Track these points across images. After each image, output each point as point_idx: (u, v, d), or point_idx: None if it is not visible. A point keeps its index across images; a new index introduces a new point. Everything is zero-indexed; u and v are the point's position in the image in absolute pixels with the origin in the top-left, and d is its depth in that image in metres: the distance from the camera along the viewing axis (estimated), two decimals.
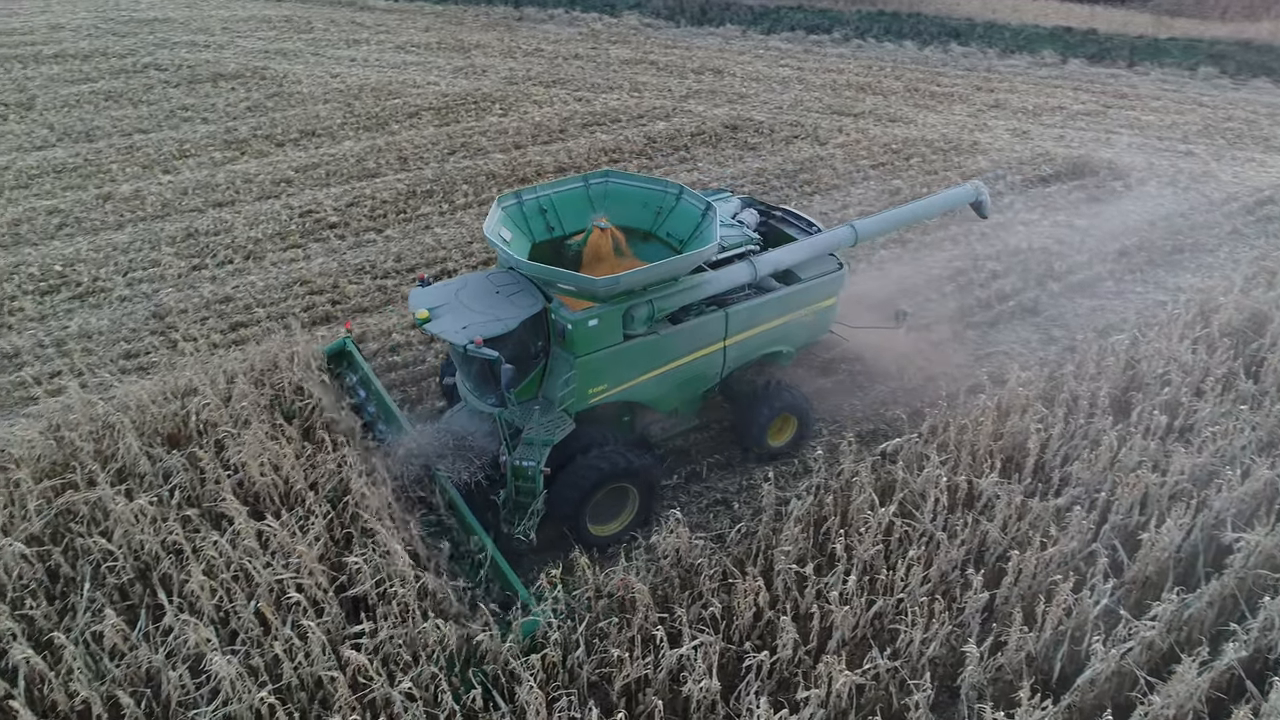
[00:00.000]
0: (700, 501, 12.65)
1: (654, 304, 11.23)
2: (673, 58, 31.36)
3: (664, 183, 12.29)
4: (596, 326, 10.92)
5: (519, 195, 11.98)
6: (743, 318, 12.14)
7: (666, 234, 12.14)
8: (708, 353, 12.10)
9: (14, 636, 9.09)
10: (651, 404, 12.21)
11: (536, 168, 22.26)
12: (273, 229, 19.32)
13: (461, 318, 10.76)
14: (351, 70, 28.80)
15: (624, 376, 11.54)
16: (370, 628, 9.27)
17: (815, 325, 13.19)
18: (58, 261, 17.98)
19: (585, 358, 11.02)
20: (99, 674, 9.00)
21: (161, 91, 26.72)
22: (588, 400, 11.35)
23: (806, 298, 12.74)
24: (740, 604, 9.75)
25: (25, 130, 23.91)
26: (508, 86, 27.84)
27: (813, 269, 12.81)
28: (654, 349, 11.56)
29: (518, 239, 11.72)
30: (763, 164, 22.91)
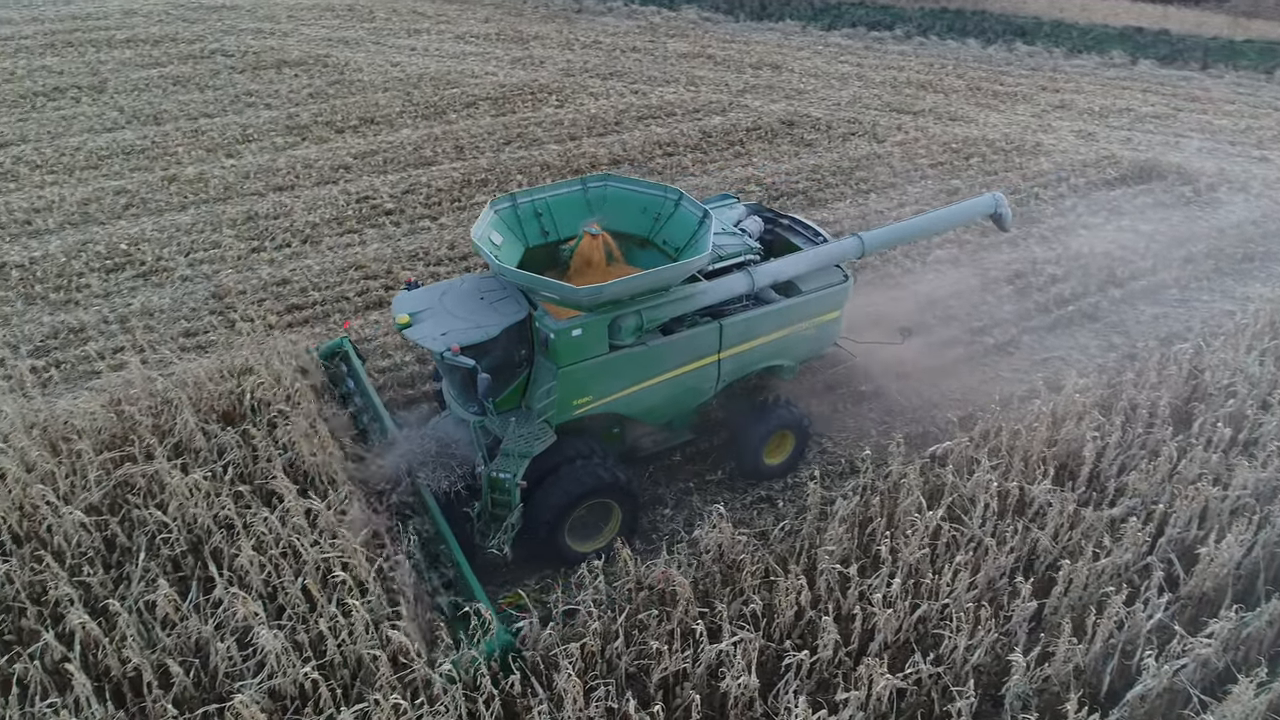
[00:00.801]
0: (744, 498, 12.57)
1: (643, 314, 10.76)
2: (731, 52, 31.18)
3: (663, 188, 11.83)
4: (580, 336, 10.50)
5: (513, 198, 11.58)
6: (738, 330, 11.60)
7: (663, 241, 11.65)
8: (701, 365, 11.58)
9: (71, 602, 9.35)
10: (641, 417, 11.77)
11: (591, 159, 22.30)
12: (330, 214, 19.62)
13: (442, 324, 10.44)
14: (411, 59, 29.11)
15: (610, 388, 11.08)
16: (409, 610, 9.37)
17: (818, 339, 12.57)
18: (123, 240, 18.46)
19: (568, 368, 10.60)
20: (150, 642, 9.23)
21: (227, 77, 27.28)
22: (571, 412, 10.94)
23: (808, 311, 12.14)
24: (781, 602, 9.67)
25: (97, 112, 24.58)
26: (564, 78, 27.92)
27: (815, 281, 12.20)
28: (642, 360, 11.08)
29: (510, 243, 11.33)
30: (818, 160, 22.68)
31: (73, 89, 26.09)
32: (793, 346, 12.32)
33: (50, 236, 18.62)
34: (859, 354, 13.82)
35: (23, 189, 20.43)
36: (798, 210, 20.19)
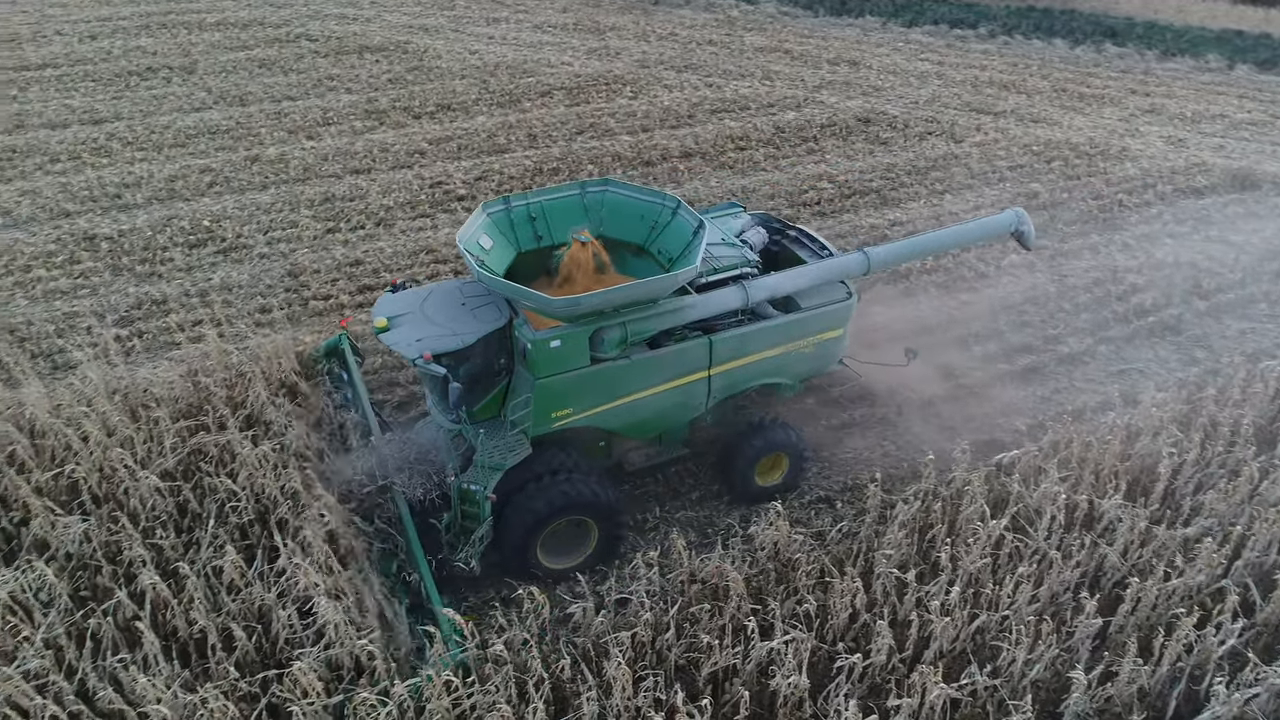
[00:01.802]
0: (803, 498, 12.45)
1: (627, 327, 10.40)
2: (808, 47, 30.82)
3: (661, 195, 11.38)
4: (560, 348, 10.16)
5: (507, 200, 11.20)
6: (730, 346, 11.14)
7: (658, 250, 11.23)
8: (689, 381, 11.15)
9: (144, 563, 9.70)
10: (627, 432, 11.41)
11: (662, 151, 22.27)
12: (404, 198, 19.95)
13: (420, 329, 10.25)
14: (489, 48, 29.41)
15: (592, 401, 10.71)
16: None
17: (818, 358, 12.01)
18: (206, 217, 19.03)
19: (546, 380, 10.28)
20: (216, 606, 9.53)
21: (311, 61, 27.91)
22: (550, 424, 10.60)
23: (807, 328, 11.61)
24: (836, 604, 9.56)
25: (186, 93, 25.36)
26: (639, 70, 27.92)
27: (816, 297, 11.67)
28: (626, 374, 10.69)
29: (501, 247, 10.99)
30: (893, 159, 22.29)
31: (164, 69, 26.96)
32: (791, 364, 11.80)
33: (138, 211, 19.29)
34: (862, 373, 13.16)
35: (115, 164, 21.21)
36: (870, 209, 19.92)
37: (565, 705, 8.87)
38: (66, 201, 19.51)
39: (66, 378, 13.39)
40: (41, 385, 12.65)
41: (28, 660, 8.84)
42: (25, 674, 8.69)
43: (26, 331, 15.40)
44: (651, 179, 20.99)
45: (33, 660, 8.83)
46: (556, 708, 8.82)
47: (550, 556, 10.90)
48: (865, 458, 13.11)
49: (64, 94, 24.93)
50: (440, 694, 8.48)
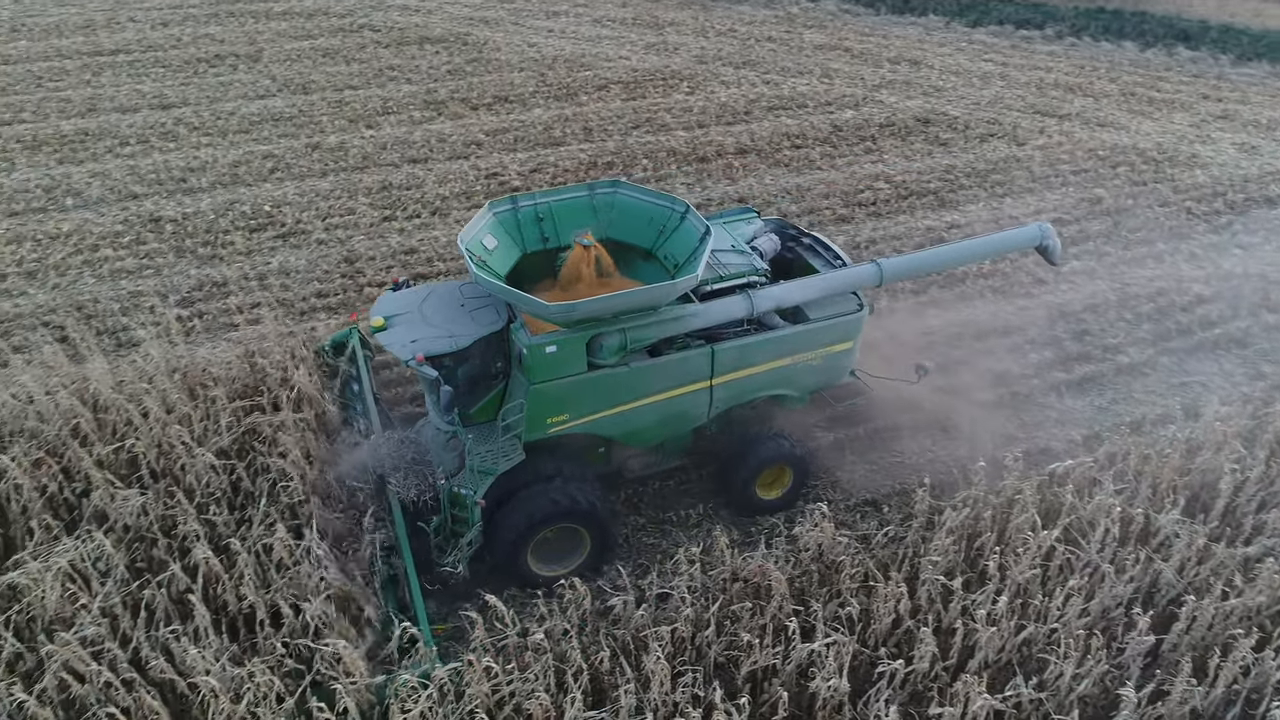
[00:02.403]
0: (849, 500, 12.33)
1: (627, 334, 10.16)
2: (868, 45, 30.44)
3: (671, 199, 11.12)
4: (555, 353, 9.99)
5: (514, 200, 11.03)
6: (732, 356, 10.88)
7: (665, 255, 10.96)
8: (690, 391, 10.90)
9: (197, 538, 9.94)
10: (626, 440, 11.18)
11: (717, 148, 22.18)
12: (460, 188, 20.13)
13: (416, 330, 10.15)
14: (548, 41, 29.54)
15: (589, 408, 10.52)
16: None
17: (826, 370, 11.69)
18: (267, 202, 19.41)
19: (541, 385, 10.10)
20: (265, 583, 9.72)
21: (373, 51, 28.29)
22: (545, 430, 10.43)
23: (814, 340, 11.29)
24: (879, 608, 9.45)
25: (251, 80, 25.88)
26: (697, 65, 27.83)
27: (825, 308, 11.35)
28: (625, 382, 10.48)
29: (506, 248, 10.82)
30: (952, 161, 21.94)
31: (231, 57, 27.53)
32: (797, 377, 11.49)
33: (202, 195, 19.74)
34: (874, 388, 12.73)
35: (181, 149, 21.72)
36: (927, 211, 19.63)
37: (603, 697, 8.90)
38: (134, 184, 20.03)
39: (129, 355, 13.76)
40: (105, 361, 13.01)
41: (85, 627, 9.10)
42: (82, 640, 8.96)
43: (93, 309, 15.86)
44: (706, 175, 20.93)
45: (89, 627, 9.10)
46: (594, 699, 8.85)
47: (542, 563, 10.72)
48: (914, 462, 12.92)
49: (135, 79, 25.60)
50: (480, 679, 8.56)
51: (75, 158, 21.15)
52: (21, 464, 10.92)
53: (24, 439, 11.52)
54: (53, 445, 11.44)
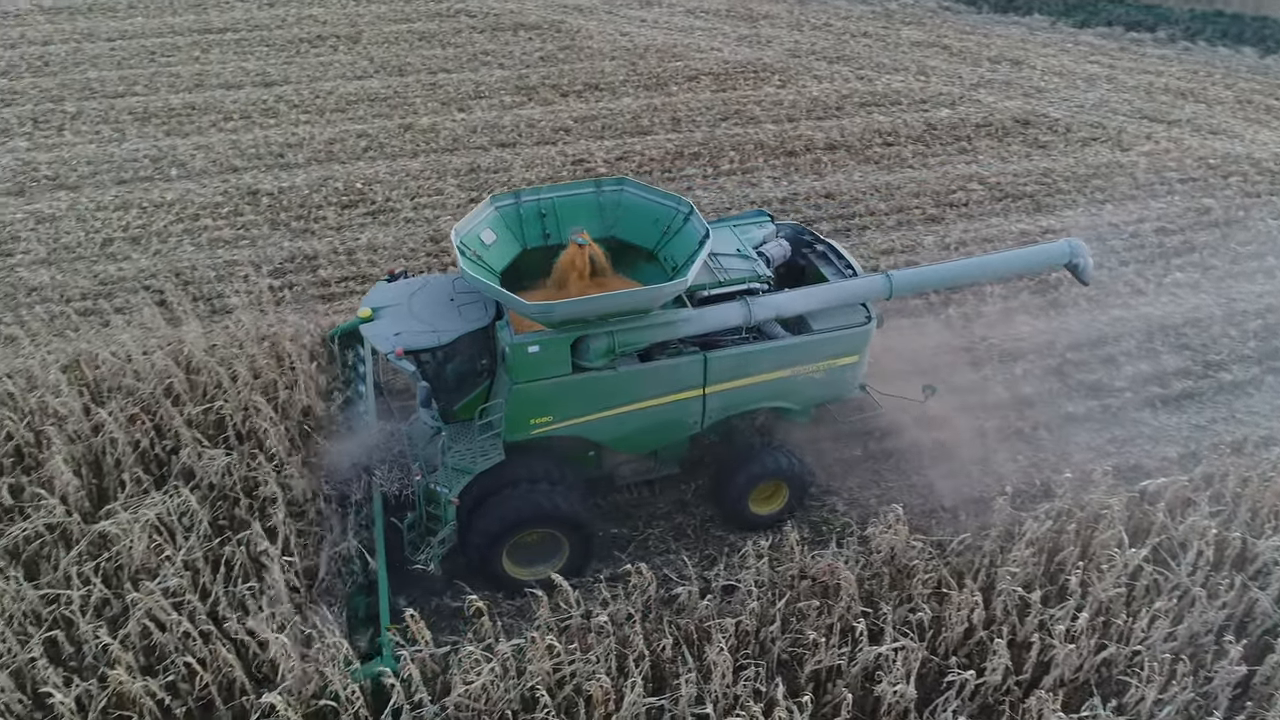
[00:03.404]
0: (925, 504, 12.00)
1: (615, 337, 9.81)
2: (968, 43, 29.60)
3: (676, 199, 10.67)
4: (538, 354, 9.68)
5: (517, 195, 10.75)
6: (727, 365, 10.40)
7: (665, 257, 10.52)
8: (681, 398, 10.45)
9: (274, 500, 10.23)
10: (614, 445, 10.82)
11: (806, 142, 21.85)
12: (546, 173, 20.26)
13: (401, 323, 9.97)
14: (640, 30, 29.51)
15: (574, 411, 10.16)
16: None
17: (830, 384, 11.07)
18: (359, 180, 19.84)
19: (523, 385, 9.79)
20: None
21: (468, 36, 28.67)
22: (528, 431, 10.12)
23: (816, 352, 10.73)
24: (952, 616, 9.19)
25: (350, 61, 26.48)
26: (789, 59, 27.46)
27: (829, 320, 10.80)
28: (612, 386, 10.11)
29: (505, 243, 10.51)
30: (1051, 164, 21.18)
31: (332, 38, 28.22)
32: (797, 389, 10.94)
33: (298, 170, 20.28)
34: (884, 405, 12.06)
35: (280, 125, 22.36)
36: (1021, 215, 19.01)
37: (663, 684, 8.85)
38: (235, 157, 20.70)
39: (223, 321, 14.23)
40: (200, 326, 13.51)
41: (168, 578, 9.44)
42: (165, 591, 9.29)
43: (190, 275, 16.44)
44: (793, 169, 20.65)
45: (172, 579, 9.43)
46: (654, 685, 8.81)
47: (518, 565, 10.49)
48: (995, 470, 12.50)
49: (240, 57, 26.44)
50: (542, 657, 8.59)
51: (181, 130, 21.96)
52: (118, 419, 11.39)
53: (121, 395, 12.03)
54: (147, 403, 11.90)
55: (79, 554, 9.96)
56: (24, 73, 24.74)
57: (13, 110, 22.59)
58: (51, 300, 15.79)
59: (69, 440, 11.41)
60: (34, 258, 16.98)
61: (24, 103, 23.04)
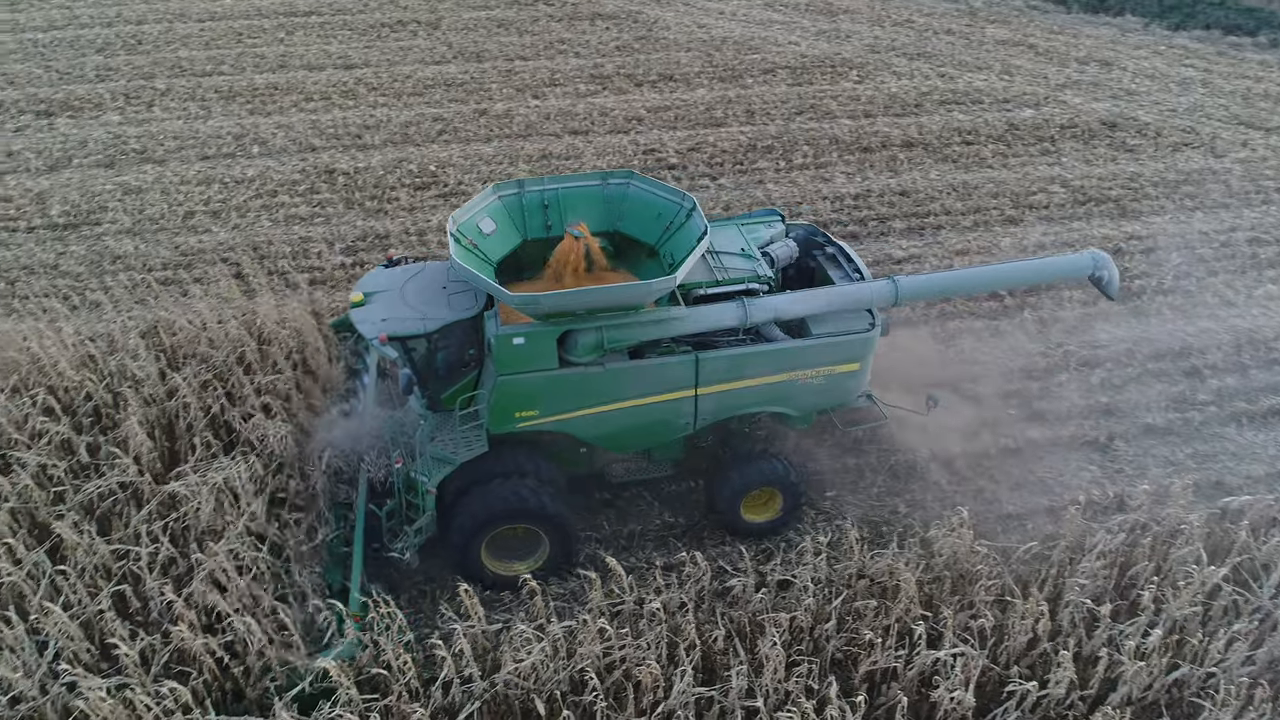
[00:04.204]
0: (994, 511, 11.63)
1: (604, 333, 9.62)
2: (1055, 43, 28.72)
3: (680, 195, 10.44)
4: (523, 346, 9.53)
5: (521, 185, 10.61)
6: (719, 366, 10.12)
7: (666, 254, 10.26)
8: (672, 399, 10.18)
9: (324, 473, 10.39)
10: (604, 443, 10.60)
11: (882, 139, 21.43)
12: (617, 161, 20.23)
13: (391, 309, 9.85)
14: (718, 23, 29.28)
15: (561, 406, 9.97)
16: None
17: (829, 391, 10.70)
18: (433, 163, 20.06)
19: (508, 378, 9.63)
20: None
21: (545, 24, 28.78)
22: (513, 424, 9.95)
23: (814, 357, 10.37)
24: (1015, 625, 8.90)
25: (429, 46, 26.80)
26: (869, 54, 26.98)
27: (831, 325, 10.44)
28: (600, 383, 9.90)
29: (506, 232, 10.37)
30: (1139, 168, 20.43)
31: (412, 23, 28.58)
32: (796, 395, 10.60)
33: (374, 151, 20.59)
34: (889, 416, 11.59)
35: (359, 107, 22.72)
36: (1104, 219, 18.38)
37: (714, 675, 8.75)
38: (314, 137, 21.10)
39: (296, 294, 14.49)
40: (273, 298, 13.77)
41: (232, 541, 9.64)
42: (229, 553, 9.48)
43: (266, 250, 16.80)
44: (868, 165, 20.28)
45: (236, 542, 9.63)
46: (705, 676, 8.71)
47: (497, 560, 10.32)
48: (1067, 480, 12.11)
49: (324, 40, 26.94)
50: (593, 640, 8.55)
51: (264, 109, 22.46)
52: (191, 385, 11.67)
53: (195, 362, 12.32)
54: (220, 370, 12.18)
55: (149, 513, 10.24)
56: (119, 50, 25.56)
57: (107, 86, 23.36)
58: (134, 268, 16.29)
59: (144, 403, 11.75)
60: (120, 227, 17.54)
61: (118, 79, 23.81)
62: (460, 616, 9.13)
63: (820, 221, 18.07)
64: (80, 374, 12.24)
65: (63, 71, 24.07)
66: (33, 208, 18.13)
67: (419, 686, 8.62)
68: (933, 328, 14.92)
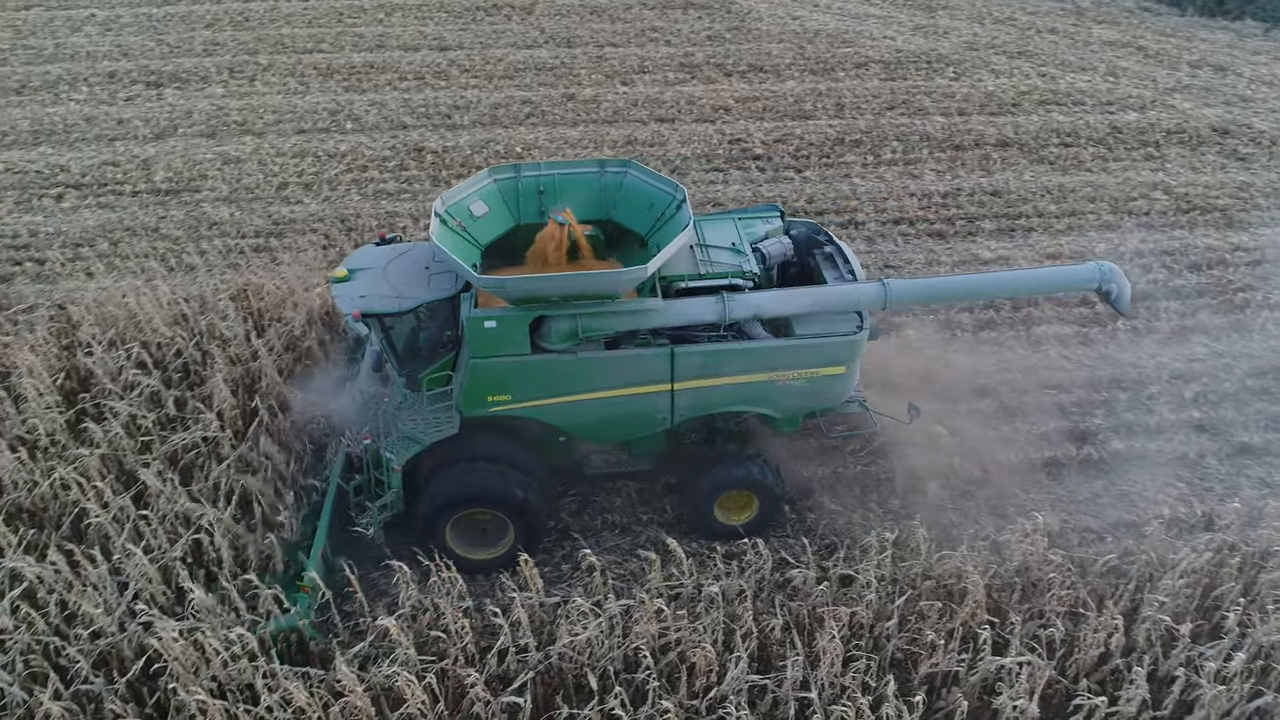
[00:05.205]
0: (1068, 520, 11.20)
1: (578, 321, 9.49)
2: (1166, 46, 27.53)
3: (673, 185, 10.26)
4: (495, 329, 9.43)
5: (517, 169, 10.51)
6: (695, 362, 9.87)
7: (654, 244, 9.99)
8: (647, 392, 9.96)
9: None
10: (579, 433, 10.46)
11: (976, 137, 20.84)
12: (701, 150, 20.14)
13: (369, 287, 9.74)
14: (812, 15, 28.89)
15: (533, 393, 9.86)
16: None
17: (815, 394, 10.34)
18: (519, 144, 20.27)
19: (480, 361, 9.56)
20: None
21: (637, 12, 28.79)
22: (486, 408, 9.85)
23: (797, 358, 10.02)
24: (1087, 638, 8.58)
25: (522, 31, 27.08)
26: (966, 51, 26.27)
27: (815, 326, 10.08)
28: (572, 371, 9.76)
29: (498, 216, 10.30)
30: (1250, 178, 19.45)
31: (506, 7, 28.89)
32: (777, 396, 10.26)
33: (462, 131, 20.90)
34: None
35: (450, 88, 23.10)
36: (1209, 229, 17.57)
37: (769, 665, 8.65)
38: (406, 115, 21.52)
39: None
40: None
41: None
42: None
43: (354, 222, 17.21)
44: (959, 164, 19.76)
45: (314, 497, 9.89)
46: (760, 665, 8.61)
47: (464, 544, 10.22)
48: (1152, 495, 11.59)
49: (420, 21, 27.46)
50: (649, 620, 8.53)
51: (359, 87, 22.99)
52: (274, 347, 12.03)
53: (279, 325, 12.69)
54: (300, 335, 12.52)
55: (228, 467, 10.60)
56: (225, 26, 26.48)
57: (213, 60, 24.23)
58: (229, 234, 16.87)
59: (230, 362, 12.16)
60: (217, 195, 18.18)
61: (223, 54, 24.67)
62: (519, 588, 9.21)
63: (906, 218, 17.73)
64: (173, 331, 12.75)
65: (173, 45, 25.05)
66: (138, 173, 18.92)
67: (475, 653, 8.73)
68: (1017, 332, 14.49)
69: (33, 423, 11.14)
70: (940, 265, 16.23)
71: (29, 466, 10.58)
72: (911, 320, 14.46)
